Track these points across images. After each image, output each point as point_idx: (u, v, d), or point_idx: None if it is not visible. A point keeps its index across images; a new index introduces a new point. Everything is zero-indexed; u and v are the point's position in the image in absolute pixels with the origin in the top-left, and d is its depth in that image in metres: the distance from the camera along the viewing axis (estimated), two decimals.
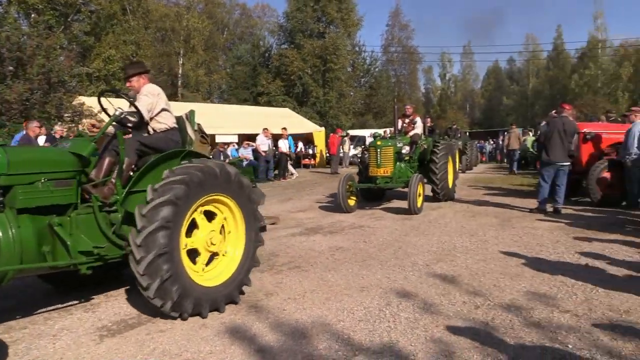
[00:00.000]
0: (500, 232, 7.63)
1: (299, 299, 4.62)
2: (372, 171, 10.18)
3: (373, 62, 49.78)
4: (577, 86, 51.99)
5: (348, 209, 9.82)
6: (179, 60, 37.10)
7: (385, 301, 4.50)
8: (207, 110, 24.69)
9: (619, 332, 3.69)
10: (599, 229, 7.64)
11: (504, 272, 5.36)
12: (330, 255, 6.35)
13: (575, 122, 9.79)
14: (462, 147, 20.76)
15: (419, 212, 9.44)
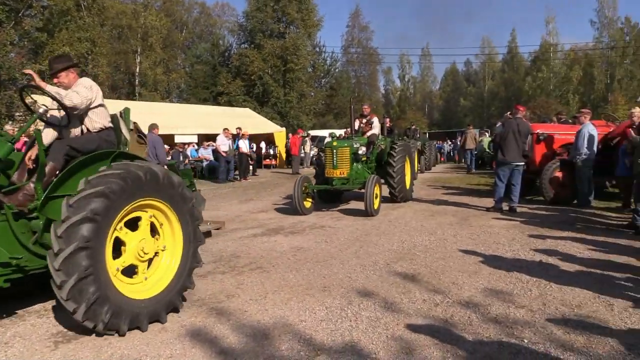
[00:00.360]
0: (458, 231, 7.78)
1: (260, 300, 4.59)
2: (328, 172, 10.03)
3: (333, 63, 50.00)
4: (530, 88, 53.63)
5: (304, 210, 9.62)
6: (137, 58, 36.33)
7: (347, 300, 4.52)
8: (166, 110, 24.26)
9: (571, 326, 3.82)
10: (552, 227, 7.90)
11: (463, 270, 5.47)
12: (292, 256, 6.34)
13: (529, 123, 10.09)
14: (420, 148, 21.07)
15: (375, 213, 9.33)
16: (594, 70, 51.57)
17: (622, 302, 4.33)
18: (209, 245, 7.13)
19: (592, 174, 9.81)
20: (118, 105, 22.84)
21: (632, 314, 4.05)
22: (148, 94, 35.79)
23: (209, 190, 15.31)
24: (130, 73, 37.47)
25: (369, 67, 67.51)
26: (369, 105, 12.32)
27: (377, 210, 9.45)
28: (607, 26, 53.10)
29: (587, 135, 9.64)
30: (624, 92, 46.26)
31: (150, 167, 4.02)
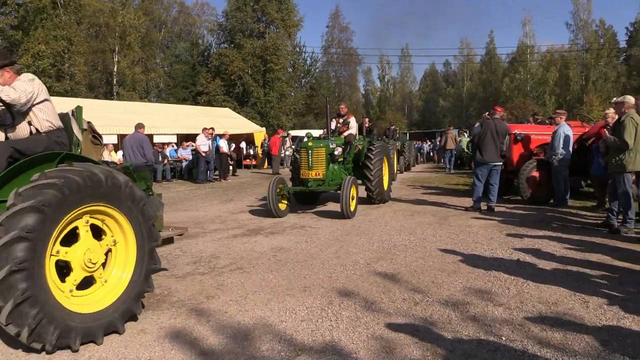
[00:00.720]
0: (437, 230, 7.85)
1: (240, 301, 4.57)
2: (304, 173, 9.70)
3: (313, 63, 50.17)
4: (508, 89, 54.31)
5: (279, 213, 9.35)
6: (114, 57, 35.83)
7: (327, 300, 4.53)
8: (145, 110, 24.02)
9: (548, 323, 3.88)
10: (529, 226, 8.01)
11: (442, 269, 5.52)
12: (272, 256, 6.32)
13: (506, 124, 10.23)
14: (400, 148, 21.16)
15: (352, 215, 9.10)
16: (570, 71, 52.46)
17: (597, 299, 4.41)
18: (188, 246, 7.08)
19: (568, 173, 9.98)
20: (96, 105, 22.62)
21: (607, 310, 4.13)
22: (126, 93, 35.35)
23: (188, 191, 15.19)
24: (108, 72, 36.94)
25: (348, 68, 67.73)
26: (346, 105, 12.09)
27: (353, 212, 9.21)
28: (582, 29, 54.07)
29: (562, 135, 9.81)
30: (599, 94, 47.13)
31: (92, 171, 3.65)
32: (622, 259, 5.76)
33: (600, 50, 52.70)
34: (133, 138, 12.10)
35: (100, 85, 38.12)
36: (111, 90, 36.50)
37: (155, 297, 4.72)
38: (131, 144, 11.93)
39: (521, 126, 12.18)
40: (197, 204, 12.12)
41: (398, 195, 12.78)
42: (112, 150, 16.53)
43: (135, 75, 36.34)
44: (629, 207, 7.26)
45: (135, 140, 11.94)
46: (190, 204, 12.05)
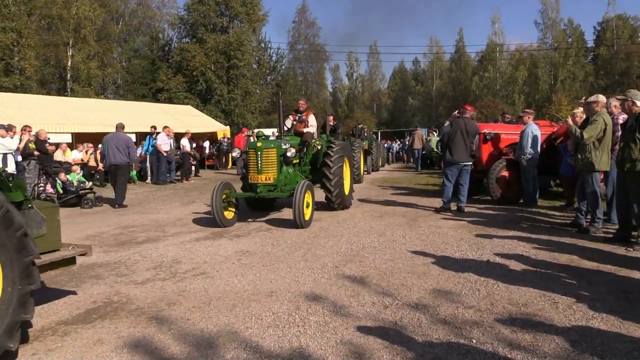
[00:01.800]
0: (407, 232, 7.93)
1: (204, 307, 4.52)
2: (252, 178, 8.85)
3: (279, 59, 50.01)
4: (477, 88, 55.33)
5: (224, 222, 8.61)
6: (68, 51, 34.91)
7: (295, 305, 4.52)
8: (101, 107, 23.50)
9: (518, 325, 3.97)
10: (499, 226, 8.17)
11: (412, 271, 5.57)
12: (237, 260, 6.28)
13: (476, 123, 10.40)
14: (367, 148, 21.21)
15: (306, 225, 8.38)
16: (539, 70, 53.77)
17: (566, 299, 4.53)
18: (148, 251, 6.96)
19: (537, 173, 10.22)
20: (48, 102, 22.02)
21: (576, 310, 4.25)
22: (81, 89, 34.47)
23: (148, 193, 14.94)
24: (61, 67, 35.94)
25: (316, 65, 67.83)
26: (306, 101, 11.28)
27: (308, 221, 8.52)
28: (551, 27, 55.55)
29: (530, 135, 10.03)
30: (567, 93, 48.45)
31: None
32: (591, 259, 5.93)
33: (568, 50, 54.22)
34: (117, 138, 12.32)
35: (53, 81, 37.09)
36: (65, 86, 35.56)
37: (113, 305, 4.62)
38: (116, 144, 12.14)
39: (490, 125, 12.41)
40: (158, 206, 11.94)
41: (367, 196, 12.86)
42: (66, 150, 16.14)
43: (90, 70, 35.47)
44: (597, 206, 7.48)
45: (121, 140, 12.23)
46: (151, 206, 11.86)
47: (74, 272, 5.81)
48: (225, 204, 8.77)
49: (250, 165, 8.95)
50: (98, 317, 4.33)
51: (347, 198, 10.49)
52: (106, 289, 5.15)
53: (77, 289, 5.19)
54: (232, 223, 8.87)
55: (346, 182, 10.43)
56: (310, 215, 8.65)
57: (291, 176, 9.50)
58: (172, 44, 43.17)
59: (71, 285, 5.34)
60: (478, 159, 10.89)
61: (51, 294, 5.01)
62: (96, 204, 12.03)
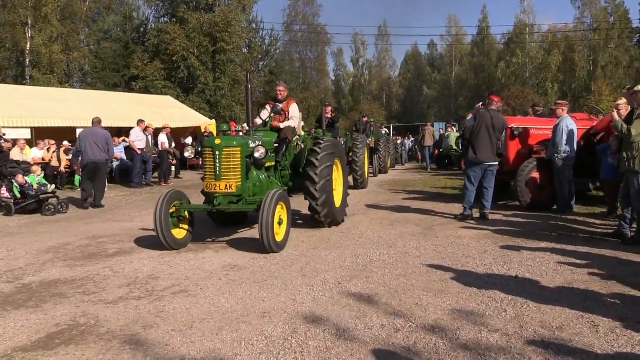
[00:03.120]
0: (422, 243, 7.93)
1: (185, 331, 4.52)
2: (209, 185, 7.83)
3: (273, 43, 50.05)
4: (504, 76, 55.45)
5: (172, 243, 7.66)
6: (27, 32, 34.97)
7: (291, 328, 4.51)
8: (65, 97, 23.52)
9: (552, 351, 3.96)
10: (529, 237, 8.17)
11: (427, 289, 5.57)
12: (224, 276, 6.27)
13: (504, 117, 10.36)
14: (374, 145, 20.93)
15: (278, 249, 7.41)
16: (575, 55, 53.88)
17: (608, 322, 4.52)
18: (120, 265, 6.96)
19: (573, 175, 10.21)
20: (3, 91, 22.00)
21: (620, 335, 4.24)
22: (42, 77, 34.50)
23: (121, 197, 14.95)
24: (18, 50, 35.97)
25: (316, 49, 67.95)
26: (285, 86, 10.19)
27: (282, 243, 7.59)
28: (590, 5, 55.63)
29: (565, 130, 9.99)
30: (609, 81, 48.55)
31: None
32: (637, 275, 5.93)
33: (610, 31, 54.27)
34: (95, 134, 12.93)
35: (9, 67, 37.10)
36: (23, 73, 35.58)
37: (79, 329, 4.62)
38: (94, 140, 12.74)
39: (519, 119, 12.39)
40: (132, 212, 11.94)
41: (375, 201, 12.86)
42: (24, 148, 16.14)
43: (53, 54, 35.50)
44: None
45: (100, 137, 12.89)
46: (123, 213, 11.86)
47: (33, 290, 5.82)
48: (174, 220, 7.83)
49: (206, 169, 7.95)
50: (62, 343, 4.33)
51: (339, 211, 9.50)
52: (71, 310, 5.15)
53: (36, 309, 5.19)
54: (184, 244, 7.96)
55: (337, 190, 9.67)
56: (284, 235, 7.72)
57: (263, 184, 8.52)
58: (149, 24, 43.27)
59: (30, 305, 5.33)
60: (505, 158, 10.85)
61: (6, 316, 5.01)
62: (60, 210, 12.03)
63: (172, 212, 7.74)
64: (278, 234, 7.47)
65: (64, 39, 37.91)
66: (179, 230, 7.97)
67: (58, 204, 12.15)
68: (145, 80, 37.23)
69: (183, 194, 8.18)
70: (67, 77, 40.44)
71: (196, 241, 8.27)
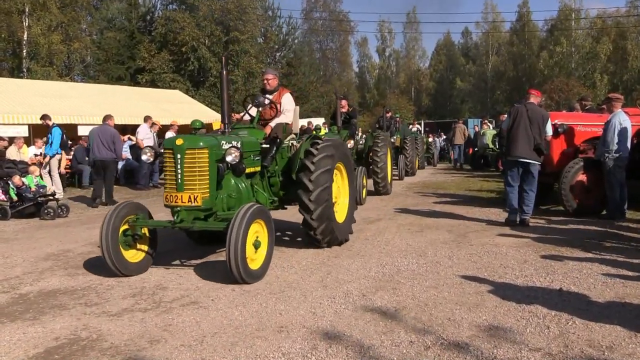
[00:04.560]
0: (454, 251, 7.90)
1: (195, 346, 4.55)
2: (168, 197, 6.76)
3: (291, 31, 50.21)
4: (546, 66, 54.97)
5: (122, 268, 6.70)
6: (24, 21, 35.47)
7: (311, 344, 4.52)
8: (66, 92, 23.82)
9: None
10: (575, 246, 8.09)
11: (461, 302, 5.55)
12: (237, 286, 6.29)
13: (542, 109, 10.23)
14: (399, 144, 20.80)
15: (252, 279, 6.38)
16: (628, 43, 53.17)
17: None
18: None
19: (625, 176, 10.08)
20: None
21: None
22: (40, 69, 34.98)
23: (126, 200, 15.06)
24: (14, 41, 36.51)
25: (338, 38, 68.03)
26: (276, 74, 9.20)
27: (258, 272, 6.56)
28: None
29: (617, 127, 9.88)
30: None
31: None
32: None
33: None
34: (104, 132, 13.90)
35: (5, 59, 37.67)
36: (20, 65, 36.08)
37: (81, 343, 4.67)
38: (102, 138, 13.77)
39: (563, 115, 12.29)
40: None
41: (402, 205, 12.83)
42: (22, 146, 16.33)
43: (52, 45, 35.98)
44: None
45: (107, 134, 13.84)
46: None
47: (30, 300, 5.89)
48: (128, 238, 6.87)
49: (166, 176, 6.89)
50: (61, 358, 4.38)
51: (341, 227, 8.39)
52: (72, 322, 5.21)
53: (34, 322, 5.26)
54: (141, 268, 7.05)
55: (340, 202, 8.75)
56: (263, 261, 6.72)
57: (243, 195, 7.59)
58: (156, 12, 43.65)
59: (27, 317, 5.40)
60: (547, 158, 10.73)
61: (1, 328, 5.08)
62: (60, 213, 12.16)
63: (125, 230, 6.84)
64: (254, 260, 6.51)
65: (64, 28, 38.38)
66: (135, 251, 7.05)
67: (58, 207, 12.27)
68: (152, 73, 37.55)
69: (141, 207, 7.22)
70: (67, 70, 40.94)
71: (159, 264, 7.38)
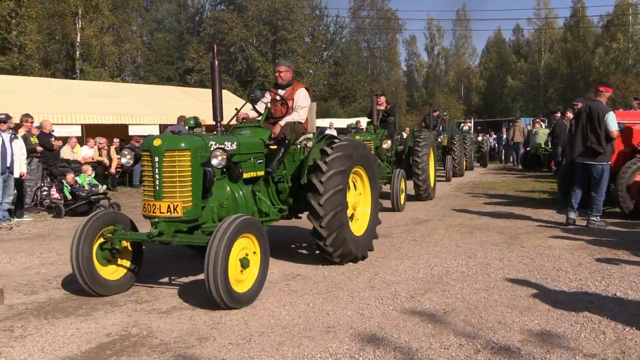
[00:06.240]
0: (505, 253, 7.81)
1: (243, 345, 4.59)
2: (146, 207, 5.97)
3: (339, 30, 50.23)
4: (602, 63, 53.74)
5: (96, 287, 5.95)
6: (77, 23, 36.37)
7: (358, 345, 4.52)
8: (117, 92, 24.33)
9: None
10: (632, 249, 7.90)
11: (512, 305, 5.48)
12: (285, 285, 6.34)
13: (602, 105, 9.95)
14: (447, 143, 20.43)
15: (234, 304, 5.44)
16: None
17: None
18: (175, 271, 7.12)
19: None
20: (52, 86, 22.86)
21: None
22: (93, 70, 35.85)
23: None
24: (68, 43, 37.49)
25: (386, 36, 67.74)
26: (290, 67, 8.14)
27: (245, 295, 5.66)
28: None
29: None
30: None
31: None
32: None
33: None
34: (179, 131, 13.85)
35: (59, 60, 38.66)
36: (73, 67, 37.00)
37: (131, 339, 4.77)
38: None
39: (620, 113, 12.01)
40: None
41: (452, 206, 12.72)
42: (75, 146, 16.71)
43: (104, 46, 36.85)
44: None
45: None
46: None
47: (83, 297, 6.02)
48: (105, 253, 6.12)
49: (144, 182, 6.19)
50: (113, 354, 4.48)
51: (358, 241, 7.43)
52: (123, 319, 5.32)
53: (87, 318, 5.39)
54: (120, 286, 6.27)
55: (359, 212, 7.90)
56: (254, 282, 5.82)
57: (239, 203, 6.76)
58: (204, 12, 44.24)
59: (80, 313, 5.54)
60: None
61: (55, 324, 5.23)
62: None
63: (102, 243, 6.12)
64: (241, 282, 5.67)
65: (115, 29, 39.25)
66: (115, 267, 6.29)
67: (109, 205, 12.53)
68: (200, 73, 38.06)
69: (121, 216, 6.47)
70: (118, 70, 41.83)
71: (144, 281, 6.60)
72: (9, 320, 5.29)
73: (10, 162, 11.05)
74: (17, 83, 20.81)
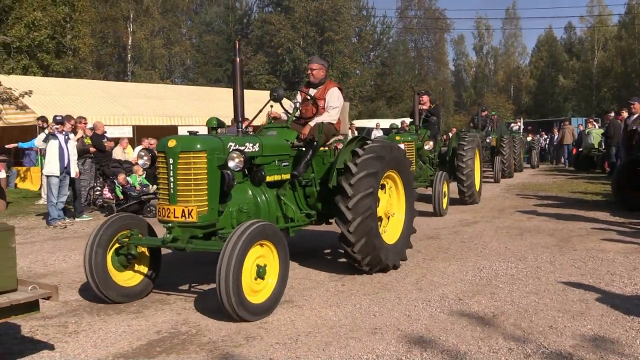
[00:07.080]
0: (557, 256, 7.67)
1: (290, 344, 4.62)
2: (161, 211, 5.78)
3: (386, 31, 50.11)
4: None
5: (110, 294, 5.75)
6: (129, 27, 37.15)
7: (405, 347, 4.51)
8: (167, 94, 24.75)
9: None
10: None
11: (563, 310, 5.38)
12: (332, 286, 6.36)
13: None
14: (495, 144, 19.96)
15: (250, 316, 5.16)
16: None
17: None
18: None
19: None
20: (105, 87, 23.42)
21: None
22: (144, 72, 36.56)
23: None
24: (120, 46, 38.36)
25: (433, 36, 67.26)
26: (323, 65, 7.74)
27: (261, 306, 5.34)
28: None
29: None
30: None
31: None
32: None
33: None
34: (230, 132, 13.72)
35: (111, 63, 39.55)
36: (125, 69, 37.82)
37: (181, 337, 4.84)
38: None
39: None
40: None
41: (501, 207, 12.56)
42: (126, 147, 17.03)
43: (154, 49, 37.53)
44: None
45: None
46: None
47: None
48: (121, 258, 5.96)
49: (159, 185, 5.97)
50: (162, 351, 4.56)
51: (390, 249, 7.03)
52: (173, 317, 5.42)
53: (138, 315, 5.50)
54: (136, 294, 6.06)
55: (393, 219, 7.44)
56: (272, 293, 5.50)
57: (262, 208, 6.43)
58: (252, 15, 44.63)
59: (132, 310, 5.66)
60: None
61: (108, 320, 5.35)
62: None
63: (118, 249, 5.96)
64: (257, 292, 5.39)
65: (165, 32, 39.92)
66: (132, 274, 6.12)
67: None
68: (248, 75, 38.40)
69: (138, 220, 6.38)
70: (168, 73, 42.55)
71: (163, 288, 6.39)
72: (63, 317, 5.45)
73: (67, 162, 11.35)
74: (71, 86, 21.39)
